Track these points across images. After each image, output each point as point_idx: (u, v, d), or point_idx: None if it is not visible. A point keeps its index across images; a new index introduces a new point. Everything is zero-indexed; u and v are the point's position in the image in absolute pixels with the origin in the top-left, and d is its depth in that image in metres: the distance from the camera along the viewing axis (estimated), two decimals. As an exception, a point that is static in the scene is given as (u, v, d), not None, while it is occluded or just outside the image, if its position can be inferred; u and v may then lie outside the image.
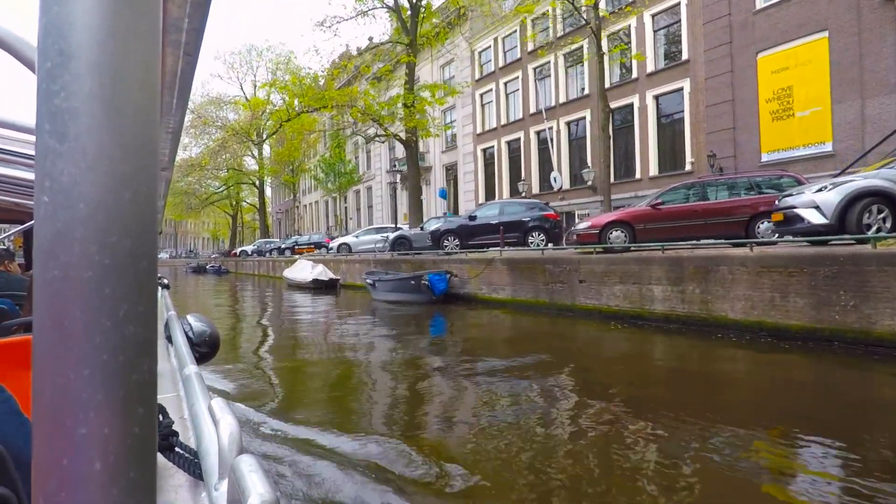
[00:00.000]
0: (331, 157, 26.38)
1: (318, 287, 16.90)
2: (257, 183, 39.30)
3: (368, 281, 12.92)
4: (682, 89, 17.18)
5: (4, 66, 1.07)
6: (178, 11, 0.62)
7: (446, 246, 13.41)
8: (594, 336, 7.99)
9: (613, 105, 19.07)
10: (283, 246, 27.85)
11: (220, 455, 0.63)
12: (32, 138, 1.43)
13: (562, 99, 21.50)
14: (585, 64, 20.21)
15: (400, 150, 34.28)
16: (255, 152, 38.15)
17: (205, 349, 1.80)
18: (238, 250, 37.92)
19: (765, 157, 14.86)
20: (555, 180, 21.40)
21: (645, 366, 6.21)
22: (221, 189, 42.08)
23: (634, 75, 18.58)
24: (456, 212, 26.38)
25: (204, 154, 37.04)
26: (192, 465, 0.78)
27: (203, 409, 0.82)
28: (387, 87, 17.14)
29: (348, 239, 21.22)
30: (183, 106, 0.96)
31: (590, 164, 20.07)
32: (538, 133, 22.74)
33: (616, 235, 9.66)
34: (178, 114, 0.99)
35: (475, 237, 13.22)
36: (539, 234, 12.71)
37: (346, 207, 41.88)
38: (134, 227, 0.28)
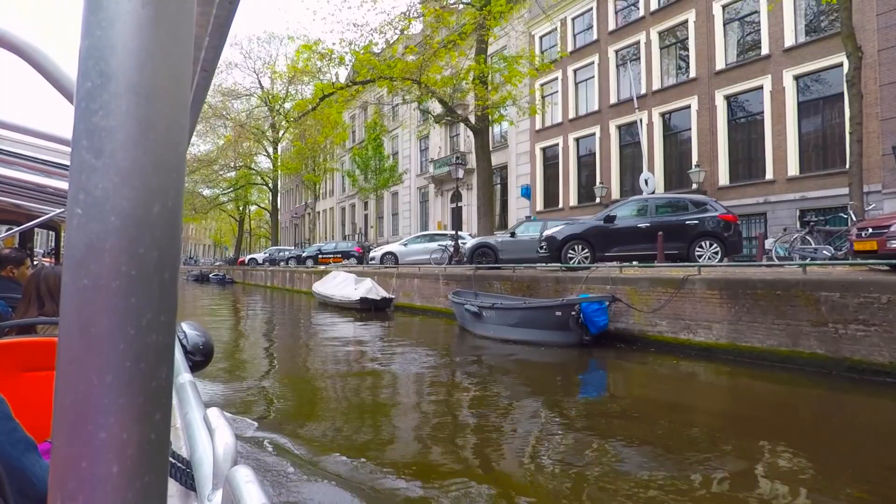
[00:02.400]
0: (366, 150, 22.35)
1: (366, 308, 12.89)
2: (270, 184, 35.39)
3: (471, 308, 8.90)
4: (840, 65, 13.40)
5: (5, 68, 1.08)
6: (199, 31, 0.66)
7: (571, 258, 9.46)
8: None
9: (730, 91, 15.36)
10: (304, 254, 23.83)
11: (215, 465, 0.61)
12: (33, 140, 1.83)
13: (655, 85, 17.77)
14: (691, 37, 16.51)
15: (434, 148, 30.55)
16: (270, 150, 34.37)
17: (199, 357, 1.77)
18: (246, 258, 33.85)
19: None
20: (646, 182, 17.51)
21: None
22: (230, 190, 38.19)
23: (765, 51, 14.83)
24: (503, 226, 22.57)
25: (214, 150, 33.29)
26: (185, 474, 0.76)
27: (197, 418, 0.80)
28: (452, 61, 13.31)
29: (394, 247, 17.24)
30: (194, 121, 1.08)
31: (694, 161, 16.24)
32: (621, 127, 18.97)
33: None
34: (189, 128, 0.93)
35: (615, 247, 9.28)
36: (711, 245, 8.79)
37: (366, 215, 38.03)
38: (161, 239, 0.29)
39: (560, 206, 21.08)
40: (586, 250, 9.40)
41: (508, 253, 11.74)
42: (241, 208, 42.28)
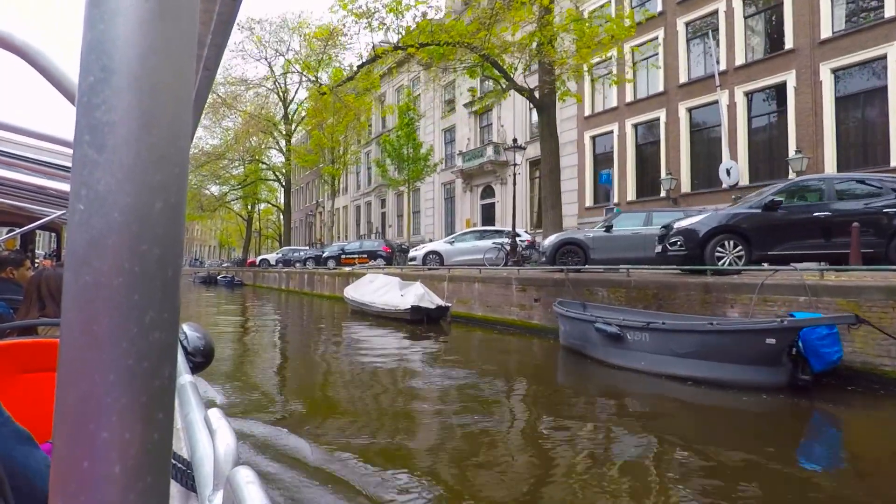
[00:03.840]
0: (399, 137, 19.82)
1: (416, 319, 10.50)
2: (283, 180, 33.04)
3: (607, 328, 6.28)
4: None
5: (6, 70, 1.08)
6: (202, 28, 0.65)
7: (721, 258, 7.01)
8: None
9: (839, 63, 12.93)
10: (324, 254, 21.46)
11: (216, 466, 0.61)
12: (34, 142, 1.86)
13: (738, 60, 15.35)
14: (787, 2, 14.09)
15: (462, 140, 28.02)
16: (282, 144, 32.05)
17: (199, 358, 1.77)
18: (258, 259, 31.50)
19: None
20: (728, 172, 15.10)
21: None
22: (239, 187, 35.92)
23: (889, 13, 12.38)
24: (555, 225, 20.08)
25: (223, 144, 31.02)
26: (185, 475, 0.76)
27: (198, 419, 0.79)
28: (517, 19, 10.92)
29: (439, 246, 14.79)
30: (196, 119, 1.08)
31: (792, 147, 13.79)
32: (693, 110, 16.56)
33: None
34: (192, 126, 0.95)
35: (781, 243, 6.85)
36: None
37: (383, 213, 35.66)
38: (163, 236, 0.28)
39: (615, 200, 18.62)
40: (739, 247, 6.97)
41: (603, 251, 9.34)
42: (249, 206, 40.01)
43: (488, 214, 25.53)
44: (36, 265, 5.10)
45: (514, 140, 13.25)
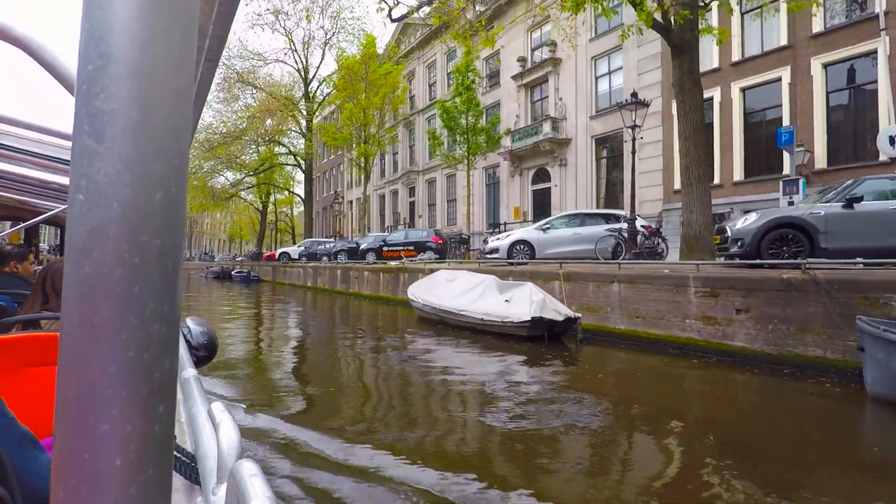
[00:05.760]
0: (455, 105, 16.51)
1: (535, 336, 7.41)
2: (303, 166, 29.92)
3: None
4: None
5: (9, 64, 1.12)
6: (204, 19, 0.65)
7: None
8: None
9: None
10: (363, 247, 18.37)
11: (220, 459, 0.61)
12: (37, 136, 1.87)
13: (902, -2, 12.01)
14: None
15: (509, 117, 24.52)
16: (303, 124, 28.95)
17: (203, 353, 1.78)
18: (276, 252, 28.48)
19: None
20: (892, 141, 11.78)
21: None
22: (252, 174, 32.88)
23: None
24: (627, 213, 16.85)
25: (237, 124, 27.96)
26: (189, 468, 0.76)
27: (202, 413, 0.80)
28: None
29: (527, 234, 11.53)
30: (198, 111, 1.06)
31: None
32: (830, 67, 13.25)
33: None
34: (193, 119, 0.92)
35: None
36: None
37: (412, 202, 32.52)
38: (163, 227, 0.28)
39: (716, 181, 15.37)
40: None
41: (842, 237, 6.20)
42: (264, 195, 36.99)
43: (542, 202, 22.34)
44: (40, 260, 5.01)
45: (634, 94, 10.02)
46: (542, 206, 22.39)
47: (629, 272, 7.69)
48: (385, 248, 17.38)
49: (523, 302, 7.67)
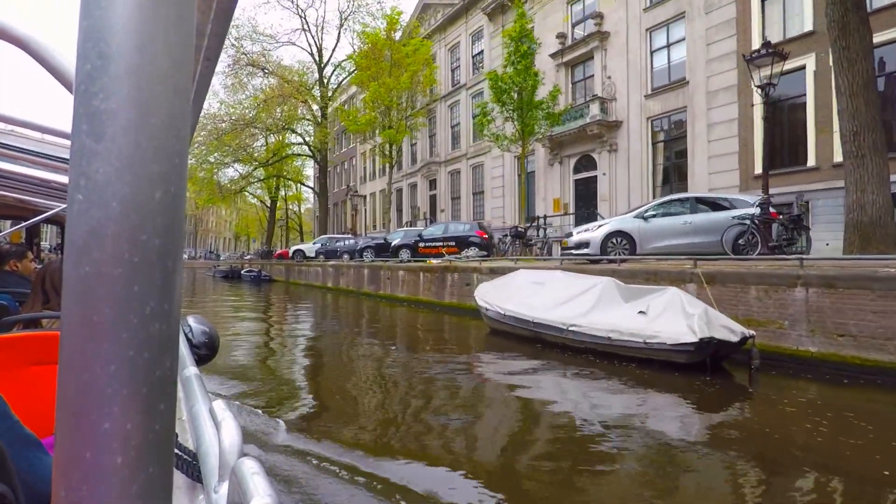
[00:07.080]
0: (509, 76, 14.14)
1: (695, 363, 5.24)
2: (318, 157, 27.76)
3: None
4: None
5: (9, 63, 1.10)
6: (202, 17, 0.64)
7: None
8: None
9: None
10: (394, 243, 16.22)
11: (221, 457, 0.61)
12: (37, 135, 1.89)
13: None
14: None
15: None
16: (317, 112, 26.79)
17: (204, 351, 1.78)
18: (290, 250, 26.37)
19: None
20: None
21: None
22: (262, 166, 30.75)
23: None
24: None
25: (244, 111, 25.84)
26: (191, 466, 0.76)
27: (203, 411, 0.80)
28: None
29: (626, 223, 9.10)
30: (198, 110, 1.04)
31: None
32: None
33: None
34: (193, 118, 0.96)
35: None
36: None
37: (432, 196, 30.34)
38: (163, 226, 0.28)
39: (807, 164, 13.15)
40: None
41: None
42: (273, 189, 34.86)
43: (586, 192, 20.11)
44: (42, 259, 5.05)
45: (767, 43, 7.81)
46: (585, 197, 20.19)
47: (822, 272, 5.51)
48: (421, 245, 15.23)
49: (672, 315, 5.52)
